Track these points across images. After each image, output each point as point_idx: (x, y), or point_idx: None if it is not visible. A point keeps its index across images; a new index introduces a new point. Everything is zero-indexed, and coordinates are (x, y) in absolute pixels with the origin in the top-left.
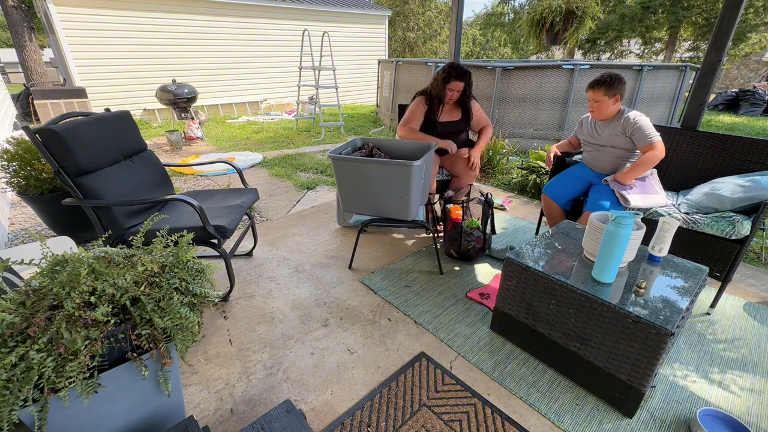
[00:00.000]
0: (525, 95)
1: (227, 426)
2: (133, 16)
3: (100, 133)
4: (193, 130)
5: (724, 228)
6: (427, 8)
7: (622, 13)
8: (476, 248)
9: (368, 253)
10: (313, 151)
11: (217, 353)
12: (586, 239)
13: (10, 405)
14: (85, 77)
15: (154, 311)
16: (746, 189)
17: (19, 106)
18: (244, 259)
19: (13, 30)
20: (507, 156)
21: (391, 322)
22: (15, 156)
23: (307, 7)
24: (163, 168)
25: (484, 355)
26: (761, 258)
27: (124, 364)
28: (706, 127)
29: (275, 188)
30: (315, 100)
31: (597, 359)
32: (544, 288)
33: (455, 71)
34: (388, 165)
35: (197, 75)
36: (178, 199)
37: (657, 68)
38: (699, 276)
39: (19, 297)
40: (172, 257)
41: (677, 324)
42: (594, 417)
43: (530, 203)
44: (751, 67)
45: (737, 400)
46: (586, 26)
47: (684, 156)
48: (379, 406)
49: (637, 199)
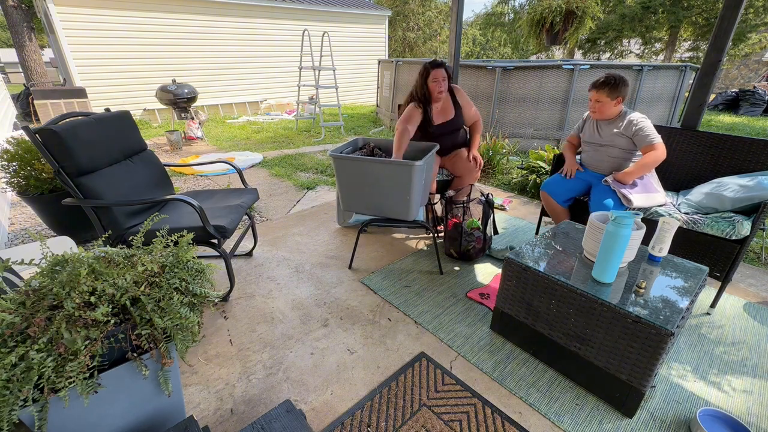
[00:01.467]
0: (525, 95)
1: (227, 426)
2: (133, 16)
3: (100, 133)
4: (193, 130)
5: (725, 228)
6: (427, 8)
7: (622, 13)
8: (476, 248)
9: (368, 253)
10: (313, 151)
11: (217, 353)
12: (586, 239)
13: (10, 405)
14: (85, 77)
15: (154, 311)
16: (747, 189)
17: (19, 106)
18: (244, 259)
19: (13, 30)
20: (507, 156)
21: (391, 322)
22: (15, 156)
23: (307, 7)
24: (163, 168)
25: (484, 355)
26: (761, 258)
27: (124, 364)
28: (706, 127)
29: (275, 188)
30: (315, 100)
31: (597, 359)
32: (544, 288)
33: (430, 63)
34: (389, 165)
35: (197, 75)
36: (178, 199)
37: (657, 68)
38: (699, 276)
39: (19, 297)
40: (172, 257)
41: (677, 324)
42: (594, 417)
43: (530, 203)
44: (751, 67)
45: (737, 400)
46: (586, 26)
47: (684, 156)
48: (379, 406)
49: (640, 198)
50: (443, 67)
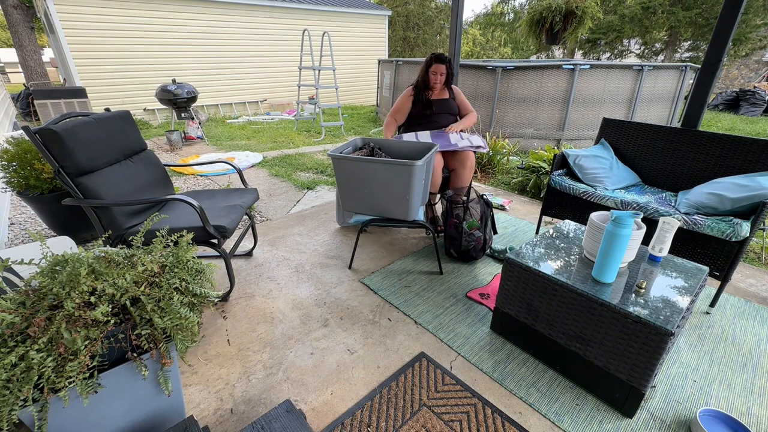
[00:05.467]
0: (525, 95)
1: (227, 426)
2: (133, 16)
3: (100, 133)
4: (193, 130)
5: (725, 230)
6: (426, 8)
7: (622, 13)
8: (476, 248)
9: (368, 253)
10: (313, 151)
11: (217, 353)
12: (586, 239)
13: (10, 405)
14: (85, 77)
15: (154, 311)
16: (746, 189)
17: (19, 106)
18: (244, 259)
19: (13, 30)
20: (507, 156)
21: (391, 322)
22: (15, 156)
23: (307, 7)
24: (163, 168)
25: (484, 355)
26: (761, 258)
27: (124, 364)
28: (706, 127)
29: (275, 188)
30: (315, 100)
31: (597, 359)
32: (544, 288)
33: (435, 56)
34: (389, 165)
35: (197, 75)
36: (178, 199)
37: (657, 68)
38: (699, 276)
39: (19, 297)
40: (172, 257)
41: (677, 324)
42: (594, 417)
43: (530, 203)
44: (751, 67)
45: (737, 400)
46: (586, 26)
47: (684, 156)
48: (379, 406)
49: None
50: (445, 64)
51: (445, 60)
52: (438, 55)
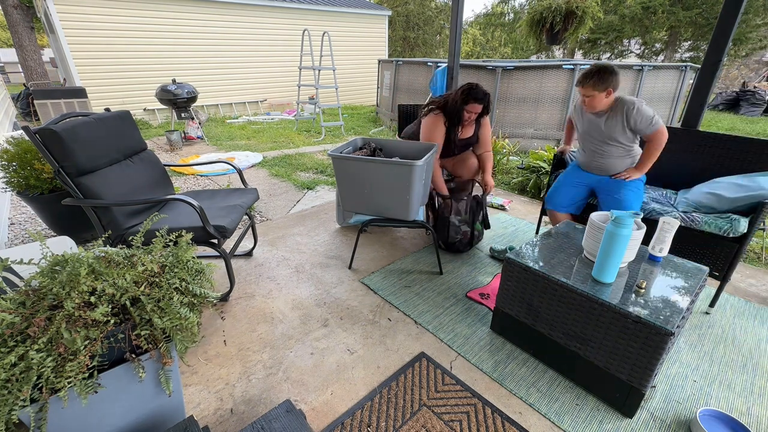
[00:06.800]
0: (525, 95)
1: (227, 426)
2: (133, 16)
3: (100, 133)
4: (193, 130)
5: (723, 226)
6: (426, 8)
7: (623, 13)
8: (463, 242)
9: (368, 253)
10: (313, 151)
11: (217, 353)
12: (586, 239)
13: (10, 405)
14: (85, 77)
15: (154, 311)
16: (745, 189)
17: (19, 106)
18: (244, 259)
19: (13, 30)
20: (507, 156)
21: (391, 322)
22: (15, 156)
23: (307, 7)
24: (163, 168)
25: (484, 355)
26: (761, 258)
27: (124, 365)
28: (707, 127)
29: (275, 188)
30: (315, 100)
31: (597, 359)
32: (544, 288)
33: (474, 94)
34: (389, 165)
35: (197, 75)
36: (178, 199)
37: (657, 68)
38: (699, 276)
39: (19, 297)
40: (172, 257)
41: (677, 324)
42: (594, 417)
43: (530, 203)
44: (751, 67)
45: (737, 400)
46: (586, 26)
47: (684, 156)
48: (379, 406)
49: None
50: (483, 103)
51: (483, 99)
52: (476, 92)
